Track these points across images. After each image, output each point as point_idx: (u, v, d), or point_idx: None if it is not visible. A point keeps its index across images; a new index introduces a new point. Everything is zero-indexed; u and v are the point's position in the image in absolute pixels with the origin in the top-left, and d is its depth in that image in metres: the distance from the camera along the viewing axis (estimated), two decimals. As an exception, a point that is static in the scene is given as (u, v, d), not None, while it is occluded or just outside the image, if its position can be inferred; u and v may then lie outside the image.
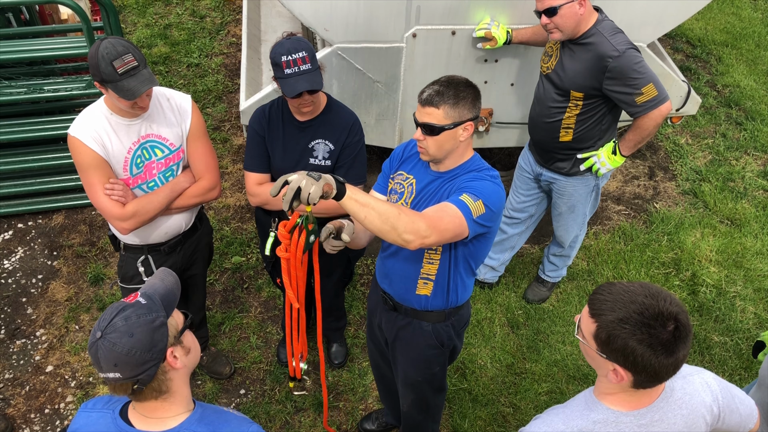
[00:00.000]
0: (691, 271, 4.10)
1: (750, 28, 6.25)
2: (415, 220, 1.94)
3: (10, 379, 3.41)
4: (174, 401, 1.54)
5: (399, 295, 2.45)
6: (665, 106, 2.94)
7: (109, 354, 1.43)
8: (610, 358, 1.51)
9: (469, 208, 2.05)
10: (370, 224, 1.90)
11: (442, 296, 2.39)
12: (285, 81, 2.46)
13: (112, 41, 2.29)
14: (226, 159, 4.66)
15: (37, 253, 4.02)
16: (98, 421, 1.58)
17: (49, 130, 4.06)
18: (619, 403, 1.59)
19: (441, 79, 2.15)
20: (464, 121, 2.12)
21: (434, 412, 2.84)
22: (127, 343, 1.43)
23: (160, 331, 1.47)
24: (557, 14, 2.88)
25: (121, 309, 1.47)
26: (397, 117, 3.76)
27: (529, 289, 3.95)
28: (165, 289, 1.55)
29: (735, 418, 1.73)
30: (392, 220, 1.89)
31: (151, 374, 1.46)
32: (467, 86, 2.14)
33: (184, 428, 1.53)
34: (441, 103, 2.10)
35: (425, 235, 1.94)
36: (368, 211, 1.88)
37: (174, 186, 2.62)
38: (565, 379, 3.52)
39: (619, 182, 4.74)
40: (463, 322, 2.56)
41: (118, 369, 1.43)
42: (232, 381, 3.45)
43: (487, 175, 2.18)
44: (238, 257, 4.04)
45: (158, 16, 5.95)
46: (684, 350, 1.48)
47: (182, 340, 1.54)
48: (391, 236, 1.92)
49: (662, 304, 1.47)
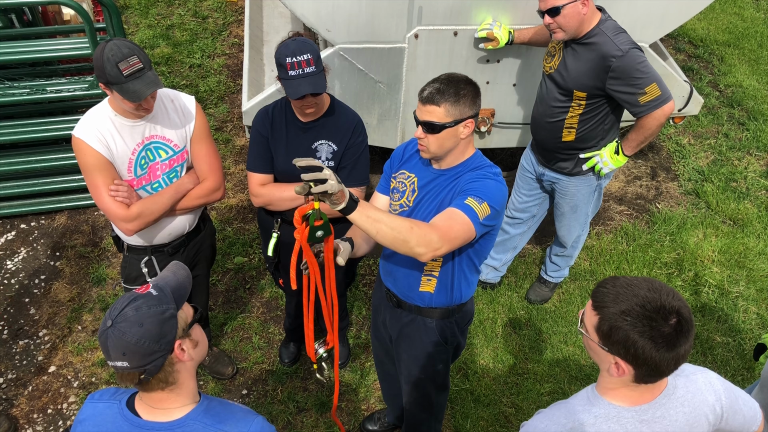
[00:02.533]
0: (693, 271, 4.10)
1: (752, 28, 6.25)
2: (427, 232, 1.96)
3: (13, 380, 3.41)
4: (180, 392, 1.56)
5: (402, 292, 2.45)
6: (668, 106, 2.94)
7: (118, 342, 1.45)
8: (612, 350, 1.52)
9: (475, 212, 2.06)
10: (382, 239, 1.93)
11: (446, 293, 2.39)
12: (289, 83, 2.46)
13: (117, 43, 2.30)
14: (228, 160, 4.66)
15: (39, 253, 4.03)
16: (105, 412, 1.60)
17: (52, 131, 4.06)
18: (621, 398, 1.59)
19: (441, 77, 2.15)
20: (465, 118, 2.13)
21: (437, 410, 2.84)
22: (136, 333, 1.44)
23: (169, 323, 1.49)
24: (560, 14, 2.88)
25: (132, 299, 1.49)
26: (399, 117, 3.76)
27: (531, 290, 3.95)
28: (176, 282, 1.57)
29: (738, 419, 1.72)
30: (404, 234, 1.92)
31: (159, 365, 1.48)
32: (467, 83, 2.14)
33: (190, 419, 1.56)
34: (442, 100, 2.10)
35: (437, 247, 1.97)
36: (380, 226, 1.92)
37: (178, 187, 2.63)
38: (568, 380, 3.52)
39: (621, 182, 4.74)
40: (466, 319, 2.57)
41: (126, 358, 1.45)
42: (234, 381, 3.46)
43: (489, 173, 2.18)
44: (240, 258, 4.05)
45: (161, 17, 5.96)
46: (685, 345, 1.49)
47: (190, 333, 1.56)
48: (403, 249, 1.95)
49: (665, 298, 1.48)
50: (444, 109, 2.10)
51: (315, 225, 2.02)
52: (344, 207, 1.89)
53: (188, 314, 1.57)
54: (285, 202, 2.72)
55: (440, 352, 2.55)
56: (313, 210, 1.99)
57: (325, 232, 2.07)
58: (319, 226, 2.03)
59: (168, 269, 1.62)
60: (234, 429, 1.56)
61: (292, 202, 2.72)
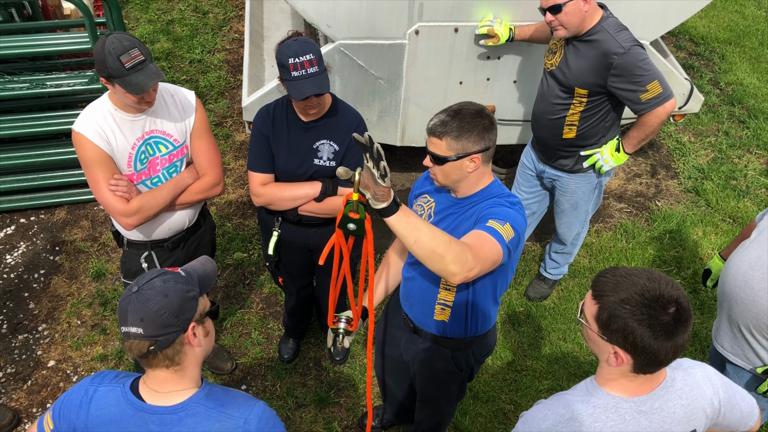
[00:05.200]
0: (692, 269, 4.10)
1: (753, 26, 6.24)
2: (464, 250, 1.85)
3: (12, 374, 3.41)
4: (183, 375, 1.59)
5: (418, 319, 2.42)
6: (670, 104, 2.94)
7: (139, 308, 1.49)
8: (611, 339, 1.53)
9: (500, 233, 1.97)
10: (419, 249, 1.82)
11: (461, 324, 2.33)
12: (292, 84, 2.44)
13: (117, 36, 2.29)
14: (228, 155, 4.66)
15: (39, 248, 4.03)
16: (108, 395, 1.61)
17: (52, 126, 4.05)
18: (620, 389, 1.60)
19: (451, 108, 2.06)
20: (469, 153, 2.03)
21: (447, 417, 2.86)
22: (159, 302, 1.49)
23: (190, 303, 1.54)
24: (562, 11, 2.87)
25: (162, 273, 1.55)
26: (399, 114, 3.76)
27: (530, 287, 3.95)
28: (204, 272, 1.63)
29: (736, 413, 1.73)
30: (442, 248, 1.81)
31: (171, 339, 1.51)
32: (475, 117, 2.03)
33: (193, 402, 1.58)
34: (444, 134, 2.02)
35: (471, 267, 1.87)
36: (419, 235, 1.81)
37: (178, 182, 2.63)
38: (566, 377, 3.53)
39: (621, 180, 4.74)
40: (485, 351, 2.50)
41: (143, 324, 1.49)
42: (233, 376, 3.46)
43: (507, 202, 2.09)
44: (240, 253, 4.05)
45: (161, 12, 5.94)
46: (684, 335, 1.50)
47: (204, 322, 1.60)
48: (437, 265, 1.84)
49: (664, 288, 1.49)
50: (446, 143, 2.02)
51: (349, 216, 1.90)
52: (385, 207, 1.78)
53: (205, 305, 1.61)
54: (286, 201, 2.72)
55: (455, 378, 2.53)
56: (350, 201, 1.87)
57: (358, 228, 1.94)
58: (353, 220, 1.91)
59: (197, 261, 1.68)
60: (236, 413, 1.59)
61: (293, 201, 2.72)
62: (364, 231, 1.95)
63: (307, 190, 2.70)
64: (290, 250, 2.96)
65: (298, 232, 2.85)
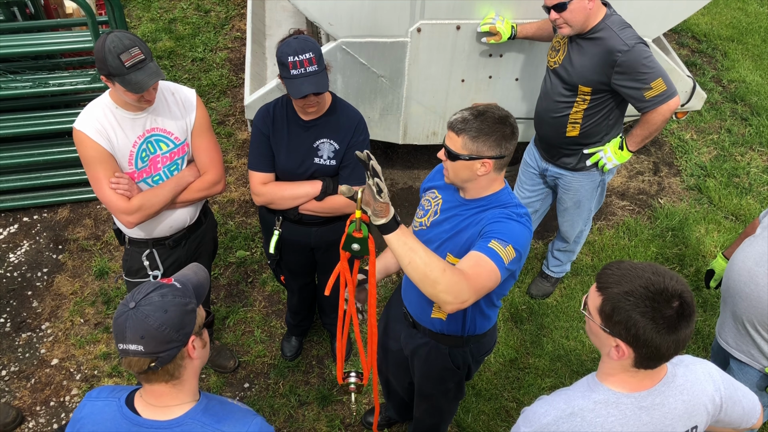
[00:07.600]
0: (695, 267, 4.10)
1: (756, 23, 6.22)
2: (459, 281, 1.83)
3: (15, 372, 3.42)
4: (182, 389, 1.56)
5: (417, 314, 2.43)
6: (674, 101, 2.94)
7: (139, 325, 1.45)
8: (614, 332, 1.52)
9: (500, 256, 1.95)
10: (412, 271, 1.81)
11: (458, 323, 2.33)
12: (291, 82, 2.44)
13: (118, 35, 2.29)
14: (230, 153, 4.66)
15: (42, 246, 4.04)
16: (104, 410, 1.60)
17: (54, 125, 4.06)
18: (620, 384, 1.60)
19: (477, 107, 2.04)
20: (482, 157, 2.01)
21: (447, 417, 2.86)
22: (159, 318, 1.46)
23: (189, 316, 1.51)
24: (566, 9, 2.87)
25: (158, 286, 1.51)
26: (401, 112, 3.76)
27: (532, 284, 3.95)
28: (197, 281, 1.60)
29: (737, 410, 1.73)
30: (435, 274, 1.80)
31: (172, 355, 1.49)
32: (497, 122, 2.01)
33: (189, 418, 1.56)
34: (462, 131, 2.01)
35: (464, 299, 1.86)
36: (413, 256, 1.80)
37: (179, 180, 2.63)
38: (569, 375, 3.53)
39: (623, 178, 4.73)
40: (483, 350, 2.50)
41: (143, 342, 1.45)
42: (236, 375, 3.46)
43: (514, 214, 2.07)
44: (242, 251, 4.05)
45: (163, 11, 5.95)
46: (686, 330, 1.49)
47: (202, 333, 1.58)
48: (430, 290, 1.83)
49: (668, 281, 1.49)
50: (462, 141, 2.01)
51: (353, 235, 1.89)
52: (384, 224, 1.79)
53: (202, 315, 1.58)
54: (286, 200, 2.72)
55: (452, 375, 2.53)
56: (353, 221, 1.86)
57: (362, 249, 1.92)
58: (357, 239, 1.90)
59: (189, 269, 1.64)
60: (232, 429, 1.56)
61: (293, 201, 2.72)
62: (368, 250, 1.93)
63: (308, 189, 2.70)
64: (291, 248, 2.96)
65: (299, 231, 2.86)
